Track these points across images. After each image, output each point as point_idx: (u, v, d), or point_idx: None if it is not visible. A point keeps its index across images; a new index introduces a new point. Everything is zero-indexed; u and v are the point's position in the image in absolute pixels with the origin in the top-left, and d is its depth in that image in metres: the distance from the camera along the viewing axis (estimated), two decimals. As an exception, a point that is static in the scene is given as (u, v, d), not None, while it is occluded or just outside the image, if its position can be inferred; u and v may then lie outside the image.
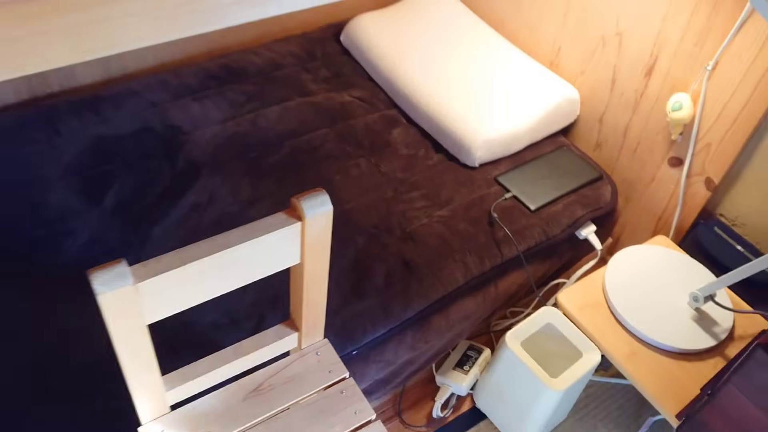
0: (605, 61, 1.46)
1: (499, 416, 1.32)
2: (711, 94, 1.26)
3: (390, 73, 1.59)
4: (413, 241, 1.29)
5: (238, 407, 0.83)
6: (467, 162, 1.45)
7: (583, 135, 1.58)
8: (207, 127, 1.46)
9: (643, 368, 1.18)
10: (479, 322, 1.36)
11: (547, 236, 1.35)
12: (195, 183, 1.34)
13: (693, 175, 1.36)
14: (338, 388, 0.86)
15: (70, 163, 1.34)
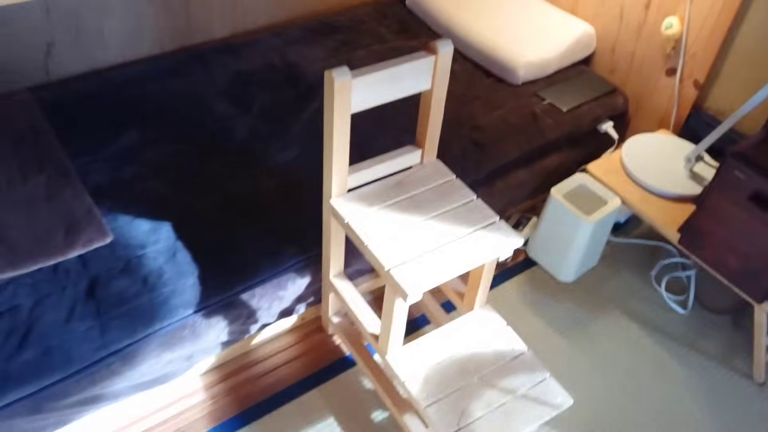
0: (614, 2, 1.93)
1: (546, 259, 1.76)
2: (693, 14, 1.73)
3: (447, 23, 2.07)
4: (479, 130, 1.75)
5: (388, 191, 1.29)
6: (513, 81, 1.92)
7: (599, 63, 2.05)
8: (315, 63, 1.94)
9: (651, 208, 1.63)
10: (529, 193, 1.81)
11: (577, 127, 1.82)
12: (315, 97, 1.81)
13: (684, 79, 1.82)
14: (449, 184, 1.32)
15: (221, 88, 1.83)
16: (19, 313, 1.24)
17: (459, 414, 1.21)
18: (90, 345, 1.22)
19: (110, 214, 1.42)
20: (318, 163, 1.59)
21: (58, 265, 1.32)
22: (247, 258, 1.39)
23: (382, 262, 1.15)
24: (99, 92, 1.74)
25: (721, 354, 1.63)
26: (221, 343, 1.41)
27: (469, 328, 1.34)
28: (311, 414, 1.43)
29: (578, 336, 1.64)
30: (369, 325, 1.34)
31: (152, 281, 1.31)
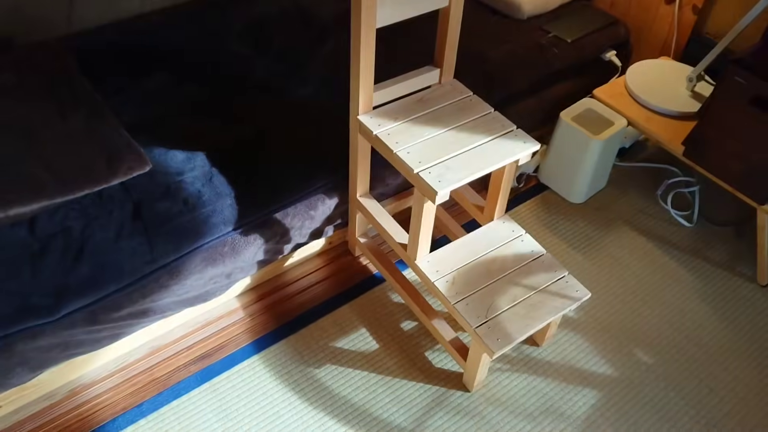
0: (613, -64, 1.99)
1: (557, 183, 1.85)
2: (690, -60, 1.80)
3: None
4: (488, 62, 1.83)
5: (412, 107, 1.37)
6: (518, 16, 1.99)
7: (600, -3, 2.12)
8: (329, 5, 2.00)
9: (656, 126, 1.71)
10: (539, 121, 1.90)
11: (581, 57, 1.89)
12: (329, 38, 1.88)
13: (683, 6, 1.89)
14: (467, 99, 1.40)
15: (238, 31, 1.89)
16: (72, 234, 1.32)
17: (486, 308, 1.30)
18: (140, 259, 1.31)
19: (146, 147, 1.50)
20: (337, 96, 1.67)
21: (102, 192, 1.40)
22: (279, 180, 1.48)
23: (411, 166, 1.23)
24: (123, 40, 1.81)
25: (726, 261, 1.72)
26: (257, 261, 1.50)
27: (491, 235, 1.43)
28: (344, 326, 1.53)
29: (591, 249, 1.73)
30: (397, 236, 1.43)
31: (192, 202, 1.40)
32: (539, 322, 1.29)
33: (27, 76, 1.61)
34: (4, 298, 1.21)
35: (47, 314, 1.23)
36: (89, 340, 1.32)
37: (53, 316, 1.23)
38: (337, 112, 1.61)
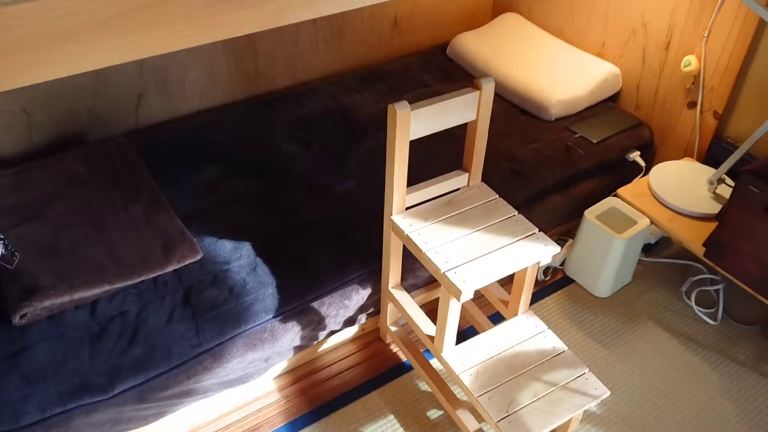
0: (637, 45, 2.13)
1: (583, 276, 1.92)
2: (709, 52, 1.92)
3: (484, 68, 2.29)
4: (517, 161, 1.95)
5: (441, 208, 1.48)
6: (546, 117, 2.12)
7: (626, 100, 2.24)
8: (367, 107, 2.18)
9: (678, 227, 1.79)
10: (564, 217, 1.99)
11: (606, 157, 2.00)
12: (367, 136, 2.04)
13: (704, 111, 2.00)
14: (493, 202, 1.51)
15: (285, 129, 2.07)
16: (128, 317, 1.45)
17: (508, 402, 1.36)
18: (188, 343, 1.43)
19: (197, 235, 1.65)
20: (374, 192, 1.80)
21: (157, 278, 1.54)
22: (317, 271, 1.59)
23: (438, 266, 1.34)
24: (181, 135, 2.00)
25: (751, 360, 1.75)
26: (294, 347, 1.60)
27: (514, 330, 1.51)
28: (373, 412, 1.60)
29: (614, 344, 1.78)
30: (425, 328, 1.52)
31: (237, 290, 1.52)
32: (559, 419, 1.34)
33: (97, 167, 1.80)
34: (66, 377, 1.34)
35: (102, 392, 1.35)
36: (137, 417, 1.42)
37: (107, 394, 1.35)
38: (373, 207, 1.74)
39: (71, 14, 0.90)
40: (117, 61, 0.97)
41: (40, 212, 1.64)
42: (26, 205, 1.66)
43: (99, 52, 0.95)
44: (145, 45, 0.99)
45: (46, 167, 1.79)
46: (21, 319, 1.39)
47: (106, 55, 0.96)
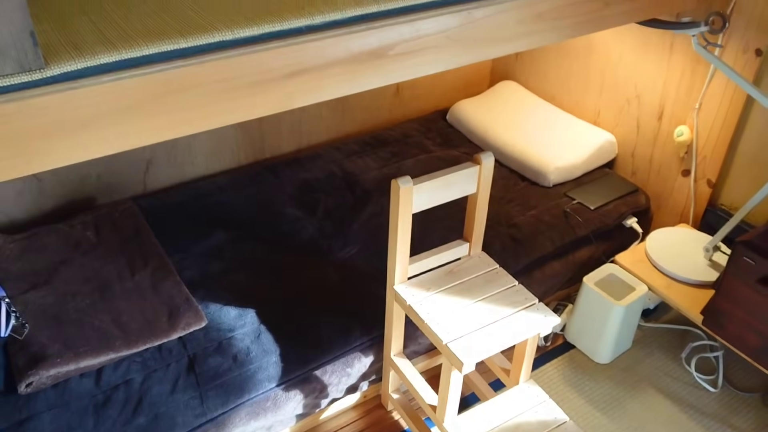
0: (631, 115, 2.20)
1: (583, 342, 1.94)
2: (701, 123, 1.98)
3: (484, 135, 2.36)
4: (516, 227, 1.99)
5: (443, 278, 1.51)
6: (544, 184, 2.17)
7: (621, 166, 2.30)
8: (370, 172, 2.23)
9: (675, 294, 1.81)
10: (564, 283, 2.02)
11: (604, 224, 2.04)
12: (370, 201, 2.09)
13: (698, 179, 2.05)
14: (493, 272, 1.54)
15: (290, 193, 2.12)
16: (132, 386, 1.46)
17: (510, 475, 1.37)
18: (192, 412, 1.44)
19: (203, 302, 1.67)
20: (375, 257, 1.84)
21: (162, 345, 1.55)
22: (320, 339, 1.61)
23: (441, 337, 1.36)
24: (188, 200, 2.05)
25: (752, 429, 1.74)
26: (296, 415, 1.60)
27: (516, 400, 1.52)
28: (375, 482, 1.59)
29: (616, 412, 1.78)
30: (427, 397, 1.53)
31: (241, 358, 1.54)
32: (561, 492, 1.34)
33: (105, 233, 1.84)
34: (69, 448, 1.34)
35: (105, 463, 1.35)
36: (138, 489, 1.42)
37: (110, 465, 1.35)
38: (376, 274, 1.77)
39: (94, 104, 0.95)
40: (135, 146, 1.02)
41: (48, 279, 1.66)
42: (34, 272, 1.69)
43: (118, 138, 1.00)
44: (161, 130, 1.04)
45: (55, 233, 1.82)
46: (26, 388, 1.41)
47: (125, 140, 1.01)
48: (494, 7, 1.29)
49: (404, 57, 1.23)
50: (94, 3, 1.09)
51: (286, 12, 1.08)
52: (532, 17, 1.36)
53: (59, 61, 0.90)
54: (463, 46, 1.30)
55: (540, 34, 1.40)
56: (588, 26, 1.48)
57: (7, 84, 0.87)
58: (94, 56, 0.92)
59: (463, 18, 1.26)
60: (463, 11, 1.25)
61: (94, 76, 0.93)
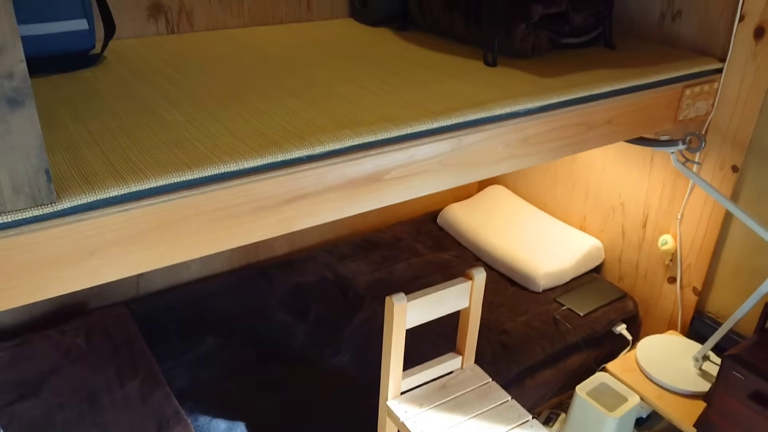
0: (616, 221, 2.27)
1: (578, 454, 1.91)
2: (683, 233, 2.05)
3: (474, 239, 2.41)
4: (506, 334, 2.00)
5: (436, 393, 1.51)
6: (534, 289, 2.20)
7: (609, 271, 2.34)
8: (362, 276, 2.26)
9: (667, 404, 1.81)
10: (555, 391, 2.01)
11: (594, 330, 2.06)
12: (362, 306, 2.10)
13: (684, 286, 2.09)
14: (486, 386, 1.54)
15: (282, 298, 2.13)
16: (117, 506, 1.42)
17: None
18: None
19: (192, 414, 1.65)
20: (367, 365, 1.83)
21: (149, 461, 1.52)
22: (310, 454, 1.58)
23: (434, 457, 1.34)
24: (181, 304, 2.05)
25: None
26: None
27: None
28: None
29: None
30: None
31: (230, 476, 1.50)
32: None
33: (96, 340, 1.83)
34: None
35: None
36: None
37: None
38: (368, 383, 1.76)
39: (100, 234, 0.98)
40: (139, 271, 1.05)
41: (36, 390, 1.64)
42: (22, 382, 1.67)
43: (122, 265, 1.02)
44: (163, 256, 1.06)
45: (45, 340, 1.81)
46: None
47: (128, 267, 1.03)
48: (483, 133, 1.36)
49: (399, 181, 1.28)
50: (107, 133, 1.15)
51: (288, 143, 1.14)
52: (518, 142, 1.43)
53: (70, 195, 0.94)
54: (454, 170, 1.36)
55: (526, 157, 1.47)
56: (572, 148, 1.55)
57: (18, 218, 0.90)
58: (104, 189, 0.96)
59: (454, 144, 1.33)
60: (454, 138, 1.32)
61: (102, 208, 0.97)
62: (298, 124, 1.22)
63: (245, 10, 1.94)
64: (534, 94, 1.44)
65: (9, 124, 0.84)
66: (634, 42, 1.95)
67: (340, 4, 2.12)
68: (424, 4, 1.91)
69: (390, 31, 1.99)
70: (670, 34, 1.93)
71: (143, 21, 1.79)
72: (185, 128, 1.19)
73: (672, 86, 1.69)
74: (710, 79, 1.78)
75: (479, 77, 1.55)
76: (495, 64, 1.66)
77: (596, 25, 1.84)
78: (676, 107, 1.74)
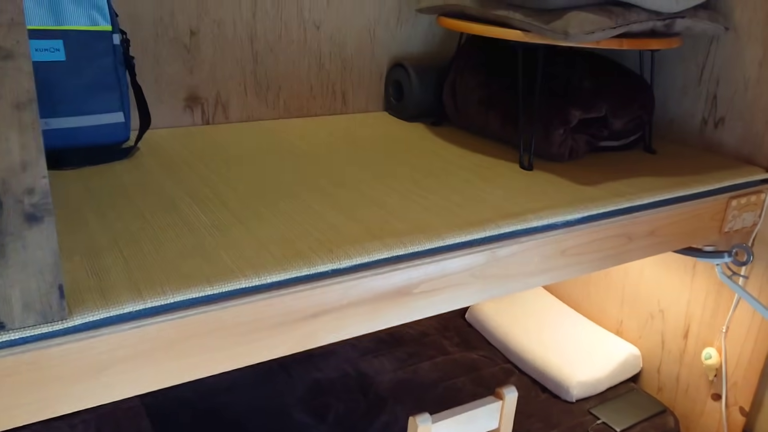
0: (655, 329, 2.15)
1: None
2: (729, 347, 1.92)
3: (503, 338, 2.31)
4: (538, 449, 1.87)
5: None
6: (567, 398, 2.08)
7: (647, 381, 2.21)
8: (385, 374, 2.16)
9: None
10: None
11: (632, 449, 1.91)
12: (384, 409, 1.99)
13: (730, 405, 1.95)
14: None
15: (300, 396, 2.04)
16: None
17: None
18: None
19: None
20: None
21: None
22: None
23: None
24: (195, 398, 1.97)
25: None
26: None
27: None
28: None
29: None
30: None
31: None
32: None
33: (104, 435, 1.75)
34: None
35: None
36: None
37: None
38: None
39: (112, 350, 0.93)
40: (151, 389, 0.99)
41: (38, 490, 1.56)
42: (24, 480, 1.59)
43: (133, 382, 0.96)
44: (180, 373, 1.01)
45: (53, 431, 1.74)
46: None
47: (141, 385, 0.97)
48: (519, 245, 1.30)
49: (428, 294, 1.22)
50: (129, 235, 1.12)
51: (314, 254, 1.09)
52: (556, 254, 1.37)
53: (83, 310, 0.89)
54: (487, 282, 1.29)
55: (564, 269, 1.40)
56: (612, 260, 1.48)
57: (26, 335, 0.86)
58: (120, 305, 0.92)
59: (488, 256, 1.27)
60: (487, 250, 1.26)
61: (115, 324, 0.92)
62: (325, 231, 1.17)
63: (281, 102, 1.95)
64: (573, 204, 1.38)
65: (25, 240, 0.80)
66: (674, 147, 1.90)
67: (375, 97, 2.12)
68: (460, 101, 1.90)
69: (424, 127, 1.97)
70: (712, 140, 1.87)
71: (180, 112, 1.80)
72: (209, 232, 1.15)
73: (717, 197, 1.62)
74: (757, 189, 1.71)
75: (515, 182, 1.50)
76: (531, 168, 1.62)
77: (635, 130, 1.80)
78: (722, 218, 1.66)
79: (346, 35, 1.99)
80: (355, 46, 2.02)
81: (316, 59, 1.97)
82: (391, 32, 2.07)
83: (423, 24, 2.12)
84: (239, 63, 1.85)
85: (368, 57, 2.06)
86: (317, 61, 1.97)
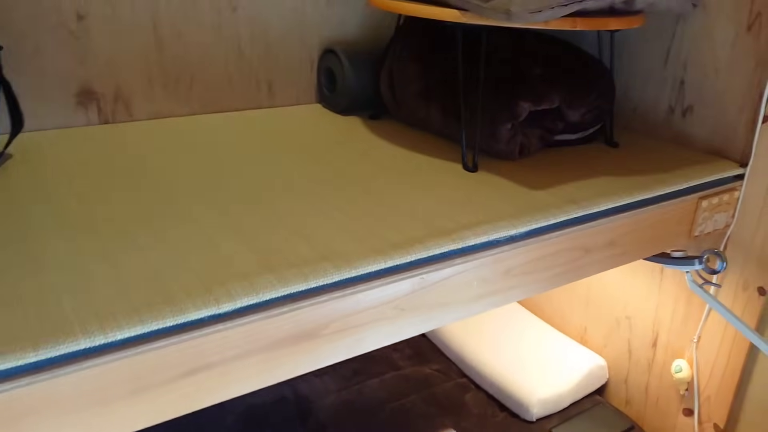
0: (621, 337, 1.97)
1: None
2: (701, 358, 1.74)
3: (459, 349, 2.11)
4: (493, 480, 1.68)
5: None
6: (526, 417, 1.88)
7: (614, 394, 2.03)
8: (327, 396, 1.95)
9: None
10: None
11: (597, 475, 1.73)
12: (323, 438, 1.79)
13: (703, 422, 1.77)
14: None
15: (230, 425, 1.82)
16: None
17: None
18: None
19: None
20: None
21: None
22: None
23: None
24: None
25: None
26: None
27: None
28: None
29: None
30: None
31: None
32: None
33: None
34: None
35: None
36: None
37: None
38: None
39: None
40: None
41: None
42: None
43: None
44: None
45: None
46: None
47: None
48: (452, 268, 1.08)
49: (341, 335, 1.00)
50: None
51: (186, 299, 0.86)
52: (498, 275, 1.16)
53: None
54: (416, 315, 1.08)
55: (509, 291, 1.19)
56: (566, 277, 1.27)
57: None
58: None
59: (415, 284, 1.05)
60: (414, 277, 1.05)
61: None
62: (213, 265, 0.95)
63: (194, 96, 1.70)
64: (519, 216, 1.17)
65: None
66: (638, 139, 1.69)
67: (306, 88, 1.88)
68: (398, 92, 1.67)
69: (360, 121, 1.75)
70: (680, 131, 1.68)
71: (70, 110, 1.55)
72: (59, 271, 0.92)
73: (685, 198, 1.42)
74: (730, 187, 1.52)
75: (454, 189, 1.28)
76: (476, 169, 1.40)
77: (595, 121, 1.59)
78: (691, 221, 1.47)
79: (269, 16, 1.75)
80: (280, 29, 1.78)
81: (235, 45, 1.72)
82: (321, 13, 1.83)
83: (359, 4, 1.88)
84: (141, 51, 1.60)
85: (297, 42, 1.82)
86: (236, 46, 1.73)
